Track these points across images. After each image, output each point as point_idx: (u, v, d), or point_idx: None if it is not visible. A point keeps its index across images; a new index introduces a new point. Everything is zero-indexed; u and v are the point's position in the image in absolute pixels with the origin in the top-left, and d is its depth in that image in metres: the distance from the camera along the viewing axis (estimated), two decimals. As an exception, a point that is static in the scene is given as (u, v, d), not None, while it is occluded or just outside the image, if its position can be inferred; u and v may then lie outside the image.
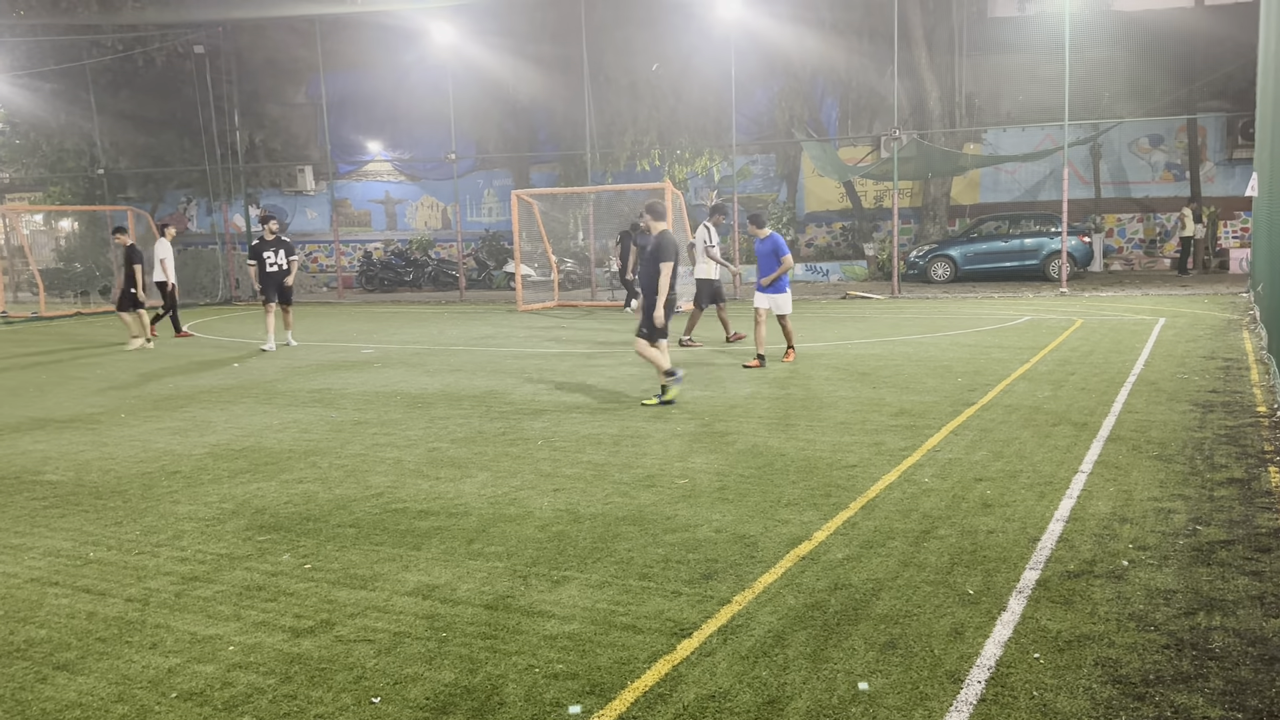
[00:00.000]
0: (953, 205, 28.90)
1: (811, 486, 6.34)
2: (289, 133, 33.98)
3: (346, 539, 5.60)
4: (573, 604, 4.51)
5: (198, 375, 12.72)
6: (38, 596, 4.86)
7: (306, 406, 10.04)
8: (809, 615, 4.29)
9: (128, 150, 32.02)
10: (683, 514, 5.84)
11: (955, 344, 13.27)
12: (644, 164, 29.04)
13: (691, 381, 10.76)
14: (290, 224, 36.63)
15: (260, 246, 15.59)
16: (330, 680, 3.83)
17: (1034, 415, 8.33)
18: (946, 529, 5.40)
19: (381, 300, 27.88)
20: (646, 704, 3.56)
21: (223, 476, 7.16)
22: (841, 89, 29.14)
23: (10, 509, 6.49)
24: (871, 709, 3.47)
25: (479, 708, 3.58)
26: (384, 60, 30.62)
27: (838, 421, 8.36)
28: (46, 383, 12.53)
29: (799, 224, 31.36)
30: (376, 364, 13.28)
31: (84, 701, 3.73)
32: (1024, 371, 10.66)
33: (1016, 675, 3.68)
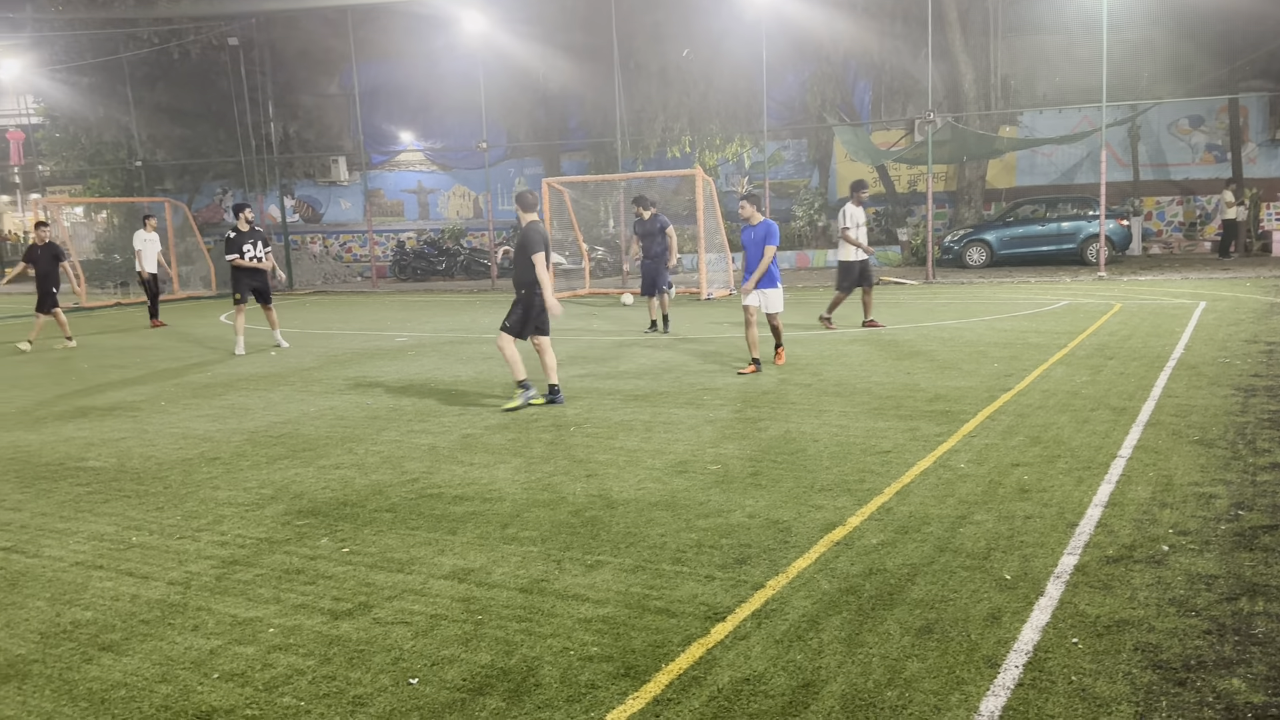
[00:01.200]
0: (988, 189, 28.58)
1: (845, 472, 6.31)
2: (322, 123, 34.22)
3: (383, 523, 5.66)
4: (606, 588, 4.53)
5: (235, 363, 12.87)
6: (83, 580, 4.95)
7: (343, 393, 10.13)
8: (843, 600, 4.27)
9: (164, 143, 32.40)
10: (715, 499, 5.84)
11: (991, 329, 13.14)
12: (674, 150, 28.97)
13: (722, 368, 10.73)
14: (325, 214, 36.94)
15: (239, 239, 14.10)
16: (368, 662, 3.88)
17: (1072, 400, 8.24)
18: (983, 514, 5.36)
19: (414, 289, 28.05)
20: (681, 686, 3.57)
21: (261, 462, 7.26)
22: (874, 72, 28.87)
23: (55, 494, 6.62)
24: (907, 693, 3.45)
25: (515, 689, 3.61)
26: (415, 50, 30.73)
27: (871, 407, 8.32)
28: (88, 372, 12.73)
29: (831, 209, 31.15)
30: (410, 352, 13.38)
31: (128, 682, 3.80)
32: (1062, 356, 10.54)
33: (1054, 660, 3.66)
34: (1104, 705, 3.32)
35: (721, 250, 22.60)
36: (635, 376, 10.48)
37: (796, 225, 30.48)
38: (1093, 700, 3.36)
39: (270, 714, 3.50)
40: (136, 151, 31.13)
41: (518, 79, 28.88)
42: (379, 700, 3.57)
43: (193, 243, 29.97)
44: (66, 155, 33.88)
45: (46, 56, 31.80)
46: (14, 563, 5.26)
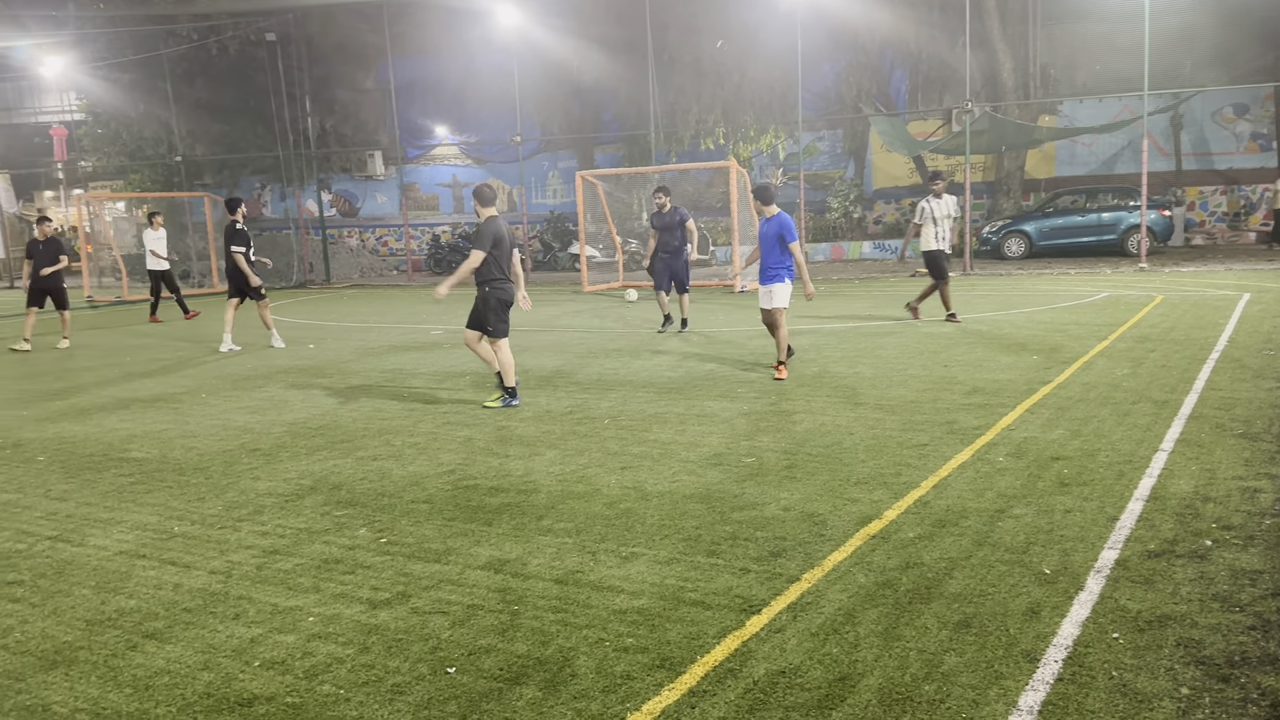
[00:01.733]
0: (1027, 179, 28.23)
1: (881, 465, 6.28)
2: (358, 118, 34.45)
3: (420, 514, 5.71)
4: (641, 579, 4.54)
5: (274, 356, 13.02)
6: (127, 568, 5.04)
7: (379, 386, 10.22)
8: (880, 593, 4.25)
9: (203, 138, 32.78)
10: (750, 492, 5.83)
11: (1030, 321, 13.00)
12: (708, 143, 28.88)
13: (757, 361, 10.70)
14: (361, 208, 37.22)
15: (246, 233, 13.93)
16: (407, 650, 3.92)
17: (1112, 393, 8.13)
18: (1022, 508, 5.31)
19: (450, 282, 28.18)
20: (717, 678, 3.57)
21: (300, 454, 7.34)
22: (911, 61, 28.56)
23: (99, 484, 6.73)
24: (945, 687, 3.43)
25: (551, 679, 3.63)
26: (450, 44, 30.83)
27: (908, 400, 8.26)
28: (130, 364, 12.94)
29: (866, 201, 30.93)
30: (445, 345, 13.46)
31: (172, 669, 3.86)
32: (1102, 348, 10.40)
33: (1095, 655, 3.62)
34: (1145, 701, 3.29)
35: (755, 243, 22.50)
36: (668, 369, 10.48)
37: (831, 217, 30.29)
38: (1134, 696, 3.32)
39: (310, 702, 3.54)
40: (176, 147, 31.53)
41: (551, 72, 28.90)
42: (417, 689, 3.60)
43: (232, 237, 30.29)
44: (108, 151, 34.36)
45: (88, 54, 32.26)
46: (60, 551, 5.36)
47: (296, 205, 32.75)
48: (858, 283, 21.53)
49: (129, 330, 17.86)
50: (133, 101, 31.97)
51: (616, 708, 3.40)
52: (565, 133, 31.34)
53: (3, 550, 5.42)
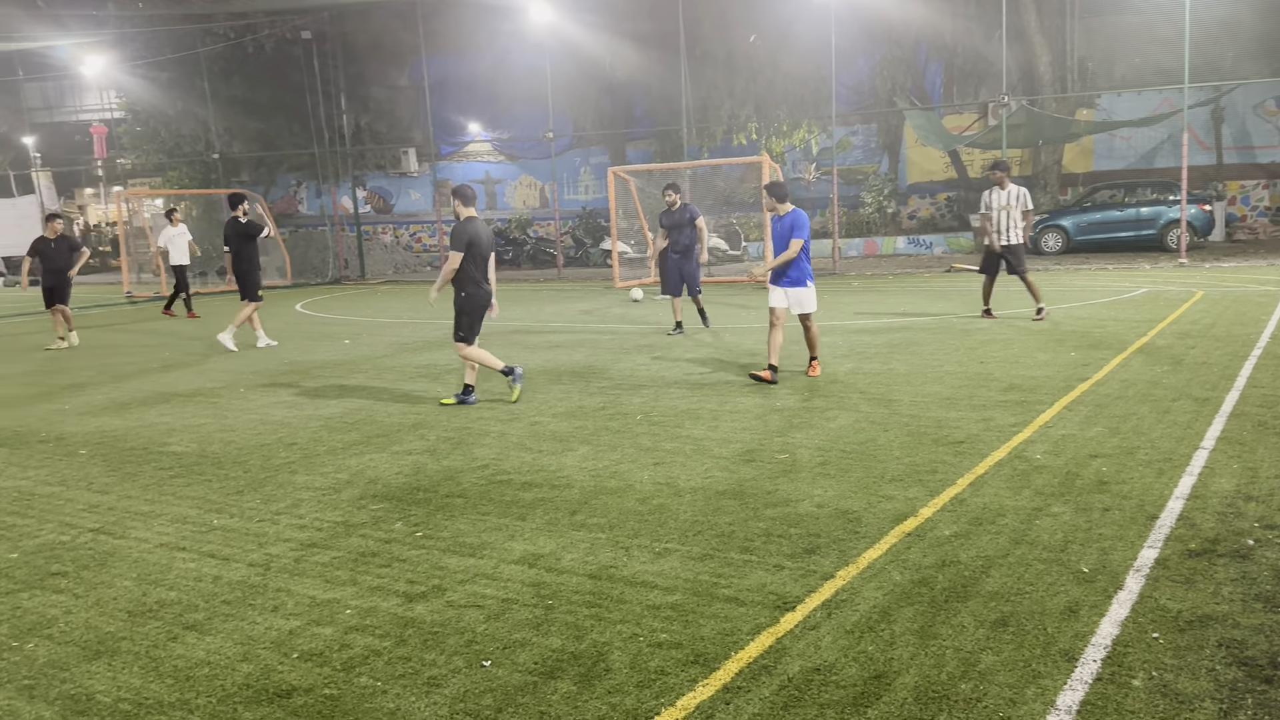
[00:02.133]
0: (1064, 174, 27.91)
1: (916, 463, 6.24)
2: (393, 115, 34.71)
3: (455, 508, 5.74)
4: (675, 575, 4.54)
5: (310, 351, 13.15)
6: (167, 560, 5.11)
7: (414, 381, 10.29)
8: (916, 591, 4.23)
9: (240, 135, 33.16)
10: (783, 489, 5.81)
11: (1068, 317, 12.85)
12: (740, 138, 28.80)
13: (790, 357, 10.67)
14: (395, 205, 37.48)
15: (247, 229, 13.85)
16: (443, 644, 3.95)
17: (1152, 390, 8.03)
18: (1060, 506, 5.25)
19: (483, 278, 28.32)
20: (751, 675, 3.57)
21: (337, 448, 7.41)
22: (946, 55, 28.33)
23: (140, 478, 6.84)
24: (982, 685, 3.41)
25: (585, 674, 3.64)
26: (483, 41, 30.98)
27: (943, 397, 8.20)
28: (169, 359, 13.12)
29: (901, 195, 30.71)
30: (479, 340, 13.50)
31: (212, 660, 3.91)
32: (1141, 345, 10.27)
33: (1134, 655, 3.58)
34: (1186, 702, 3.25)
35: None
36: (700, 364, 10.47)
37: (865, 212, 30.11)
38: (1174, 697, 3.28)
39: (348, 694, 3.58)
40: (214, 144, 31.91)
41: (584, 68, 28.95)
42: (453, 681, 3.63)
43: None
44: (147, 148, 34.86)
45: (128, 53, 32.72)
46: (102, 543, 5.45)
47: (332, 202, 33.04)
48: (891, 278, 21.39)
49: (167, 325, 18.10)
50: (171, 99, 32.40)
51: (651, 702, 3.41)
52: (597, 129, 31.38)
53: (47, 542, 5.52)
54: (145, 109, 33.92)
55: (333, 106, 31.63)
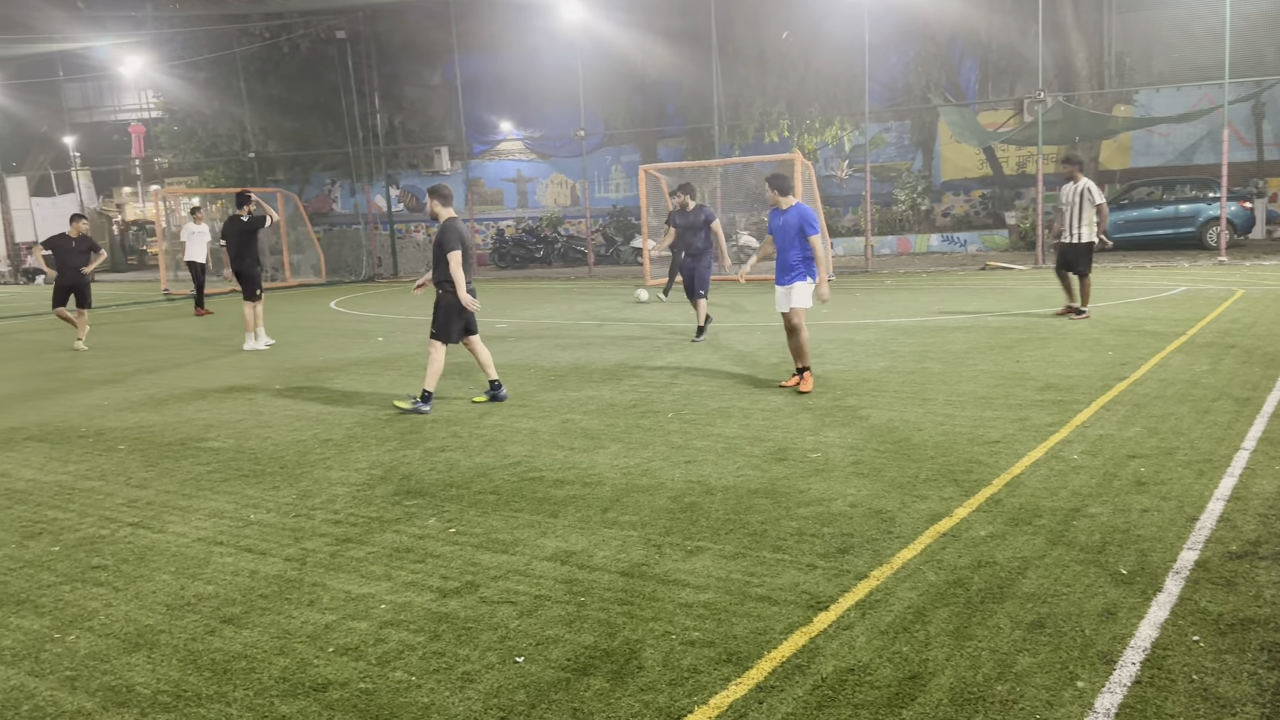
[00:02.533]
0: (1101, 171, 27.54)
1: (951, 462, 6.19)
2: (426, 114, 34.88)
3: (487, 505, 5.77)
4: (707, 574, 4.54)
5: (345, 349, 13.26)
6: (205, 555, 5.17)
7: (446, 378, 10.34)
8: (951, 592, 4.19)
9: (276, 134, 33.47)
10: (816, 488, 5.79)
11: (1105, 315, 12.68)
12: (772, 135, 28.67)
13: (822, 355, 10.62)
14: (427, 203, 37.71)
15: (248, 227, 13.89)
16: (476, 639, 3.97)
17: (1191, 390, 7.91)
18: (1097, 507, 5.19)
19: (514, 276, 28.45)
20: (784, 674, 3.55)
21: (371, 444, 7.47)
22: (981, 51, 28.04)
23: (178, 473, 6.92)
24: (1018, 687, 3.38)
25: (618, 671, 3.64)
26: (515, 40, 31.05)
27: (979, 396, 8.12)
28: (206, 356, 13.27)
29: (935, 193, 30.46)
30: (510, 338, 13.58)
31: (249, 653, 3.96)
32: (1180, 344, 10.12)
33: (1174, 658, 3.53)
34: (1228, 706, 3.20)
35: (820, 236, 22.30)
36: (732, 362, 10.45)
37: (898, 209, 29.90)
38: (1215, 700, 3.23)
39: (383, 688, 3.61)
40: (249, 143, 32.25)
41: (615, 66, 28.95)
42: (487, 677, 3.64)
43: (303, 232, 30.94)
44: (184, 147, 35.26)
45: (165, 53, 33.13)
46: (141, 538, 5.52)
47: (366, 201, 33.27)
48: (925, 276, 21.23)
49: (203, 322, 18.32)
50: (208, 99, 32.76)
51: (684, 700, 3.41)
52: (628, 127, 31.37)
53: (87, 536, 5.60)
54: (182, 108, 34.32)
55: (367, 106, 31.85)
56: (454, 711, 3.41)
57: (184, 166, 37.59)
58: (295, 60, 31.82)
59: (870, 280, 20.88)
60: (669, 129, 31.96)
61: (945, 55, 28.05)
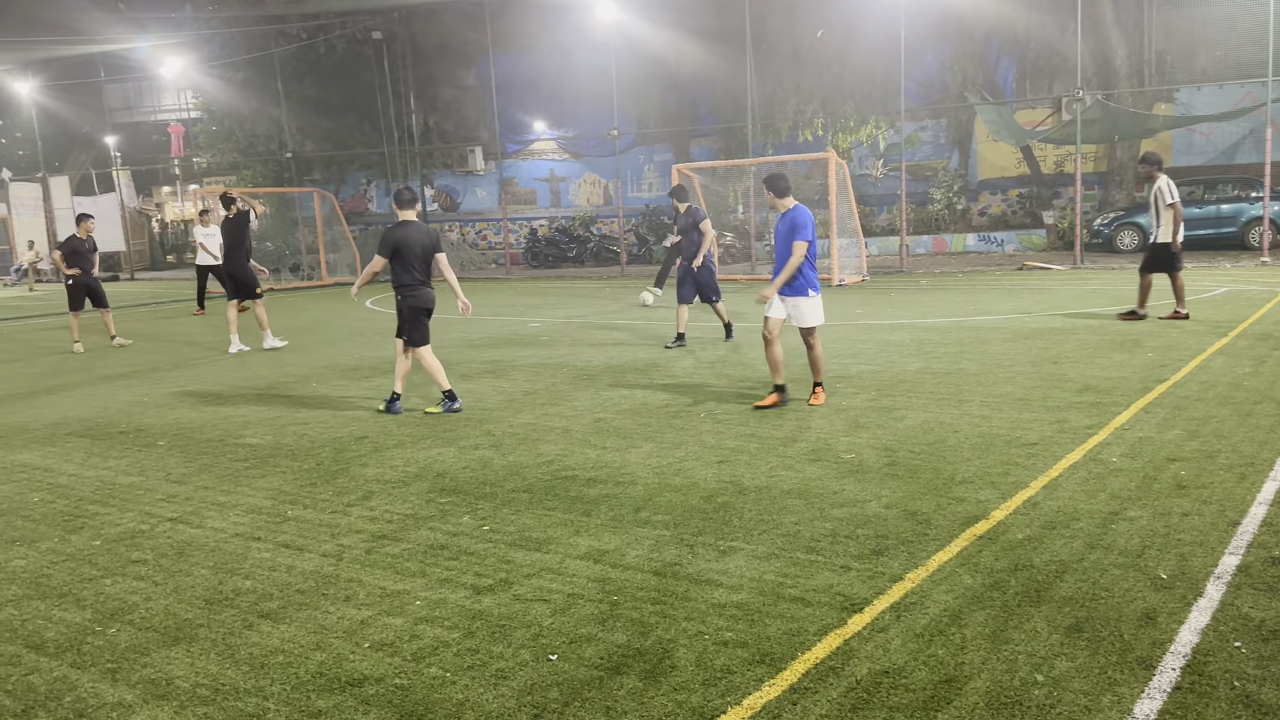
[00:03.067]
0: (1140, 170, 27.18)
1: (987, 464, 6.13)
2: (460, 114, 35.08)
3: (520, 503, 5.79)
4: (740, 574, 4.53)
5: (380, 347, 13.36)
6: (243, 550, 5.23)
7: (480, 377, 10.40)
8: (987, 595, 4.16)
9: (312, 134, 33.80)
10: (850, 489, 5.76)
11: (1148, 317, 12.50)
12: (806, 134, 28.55)
13: (856, 356, 10.56)
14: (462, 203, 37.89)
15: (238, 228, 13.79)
16: (510, 636, 3.98)
17: (1233, 393, 7.78)
18: (1137, 510, 5.12)
19: (546, 276, 28.53)
20: (818, 676, 3.54)
21: (406, 442, 7.52)
22: (1019, 49, 27.74)
23: (216, 469, 7.01)
24: (1056, 692, 3.34)
25: (651, 670, 3.64)
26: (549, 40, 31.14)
27: (1016, 398, 8.04)
28: (244, 353, 13.42)
29: (971, 192, 30.19)
30: (543, 337, 13.62)
31: (285, 648, 4.00)
32: (1221, 346, 9.96)
33: (1215, 664, 3.47)
34: (1270, 713, 3.14)
35: (854, 235, 22.21)
36: (764, 363, 10.38)
37: (934, 208, 29.67)
38: (1257, 708, 3.18)
39: (418, 684, 3.63)
40: (286, 143, 32.58)
41: (648, 66, 28.93)
42: (520, 674, 3.66)
43: (339, 231, 31.22)
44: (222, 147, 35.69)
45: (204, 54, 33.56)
46: (180, 532, 5.60)
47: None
48: (961, 276, 21.04)
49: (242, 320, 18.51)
50: (245, 99, 33.14)
51: (717, 701, 3.40)
52: (661, 126, 31.36)
53: (128, 530, 5.69)
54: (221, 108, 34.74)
55: (402, 106, 32.07)
56: (488, 708, 3.43)
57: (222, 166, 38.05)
58: (332, 61, 32.12)
59: (905, 280, 20.74)
60: (702, 128, 31.92)
61: (982, 53, 27.78)
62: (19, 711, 3.59)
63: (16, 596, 4.73)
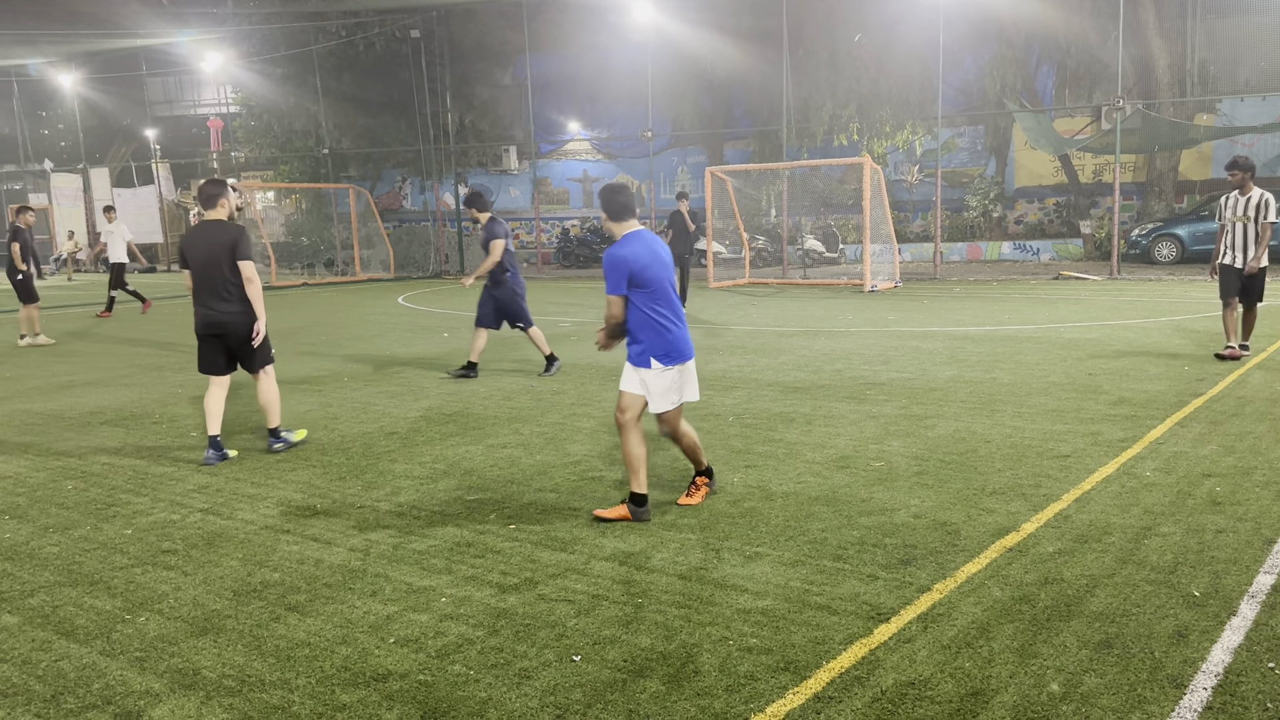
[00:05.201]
0: (1180, 180, 26.84)
1: (1019, 476, 6.06)
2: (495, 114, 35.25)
3: (547, 503, 5.80)
4: (766, 580, 4.50)
5: (411, 344, 13.44)
6: (271, 543, 5.28)
7: (509, 375, 10.43)
8: (1016, 608, 4.11)
9: (349, 131, 34.08)
10: (879, 497, 5.71)
11: (1181, 329, 12.34)
12: (841, 138, 28.42)
13: (888, 363, 10.49)
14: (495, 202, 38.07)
15: None
16: (534, 636, 3.99)
17: (1271, 408, 7.65)
18: (1170, 526, 5.05)
19: (578, 276, 28.58)
20: (843, 685, 3.51)
21: (435, 439, 7.55)
22: (1059, 55, 27.49)
23: (248, 461, 7.08)
24: (1084, 708, 3.29)
25: (674, 674, 3.63)
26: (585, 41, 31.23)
27: (1049, 409, 7.95)
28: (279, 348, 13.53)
29: (1008, 200, 29.92)
30: (573, 337, 13.64)
31: (312, 641, 4.02)
32: (1260, 360, 9.80)
33: (1248, 685, 3.41)
34: (1306, 739, 3.08)
35: (888, 241, 22.08)
36: (795, 368, 10.37)
37: (969, 216, 29.44)
38: (1293, 733, 3.12)
39: (442, 681, 3.64)
40: (324, 140, 32.87)
41: (684, 67, 28.93)
42: (543, 674, 3.66)
43: (374, 228, 31.46)
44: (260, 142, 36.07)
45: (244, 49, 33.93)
46: (210, 524, 5.65)
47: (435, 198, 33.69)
48: (995, 285, 20.86)
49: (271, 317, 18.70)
50: (284, 95, 33.46)
51: (740, 707, 3.38)
52: (696, 128, 31.33)
53: (159, 520, 5.75)
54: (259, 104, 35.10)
55: (438, 104, 32.27)
56: (511, 707, 3.43)
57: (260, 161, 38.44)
58: (370, 58, 32.36)
59: (939, 287, 20.58)
60: (736, 130, 31.87)
61: (1022, 59, 27.54)
62: (48, 697, 3.64)
63: (49, 583, 4.80)
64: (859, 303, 17.65)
